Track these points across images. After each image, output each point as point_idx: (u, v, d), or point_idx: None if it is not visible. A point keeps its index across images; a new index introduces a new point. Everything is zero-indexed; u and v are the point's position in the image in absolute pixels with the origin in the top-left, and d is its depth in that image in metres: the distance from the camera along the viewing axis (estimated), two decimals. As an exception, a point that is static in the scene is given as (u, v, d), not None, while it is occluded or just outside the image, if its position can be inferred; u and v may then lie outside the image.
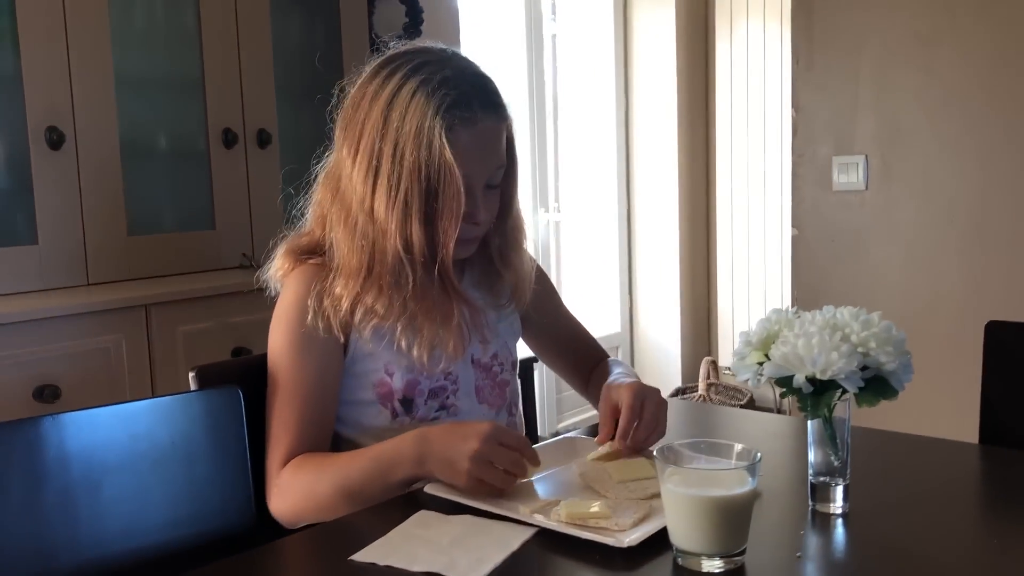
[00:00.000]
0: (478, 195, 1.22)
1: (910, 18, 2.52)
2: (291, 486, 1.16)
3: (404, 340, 1.21)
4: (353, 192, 1.20)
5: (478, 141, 1.19)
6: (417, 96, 1.17)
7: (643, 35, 3.92)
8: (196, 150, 2.23)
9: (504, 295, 1.35)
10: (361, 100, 1.21)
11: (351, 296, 1.19)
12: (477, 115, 1.18)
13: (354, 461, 1.15)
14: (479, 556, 0.94)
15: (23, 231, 1.93)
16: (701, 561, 0.91)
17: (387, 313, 1.20)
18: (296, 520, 1.17)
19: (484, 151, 1.21)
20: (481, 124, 1.19)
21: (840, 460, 1.06)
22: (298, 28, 2.50)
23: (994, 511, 1.13)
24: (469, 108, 1.17)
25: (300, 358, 1.20)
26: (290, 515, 1.17)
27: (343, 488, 1.14)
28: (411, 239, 1.18)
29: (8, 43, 1.88)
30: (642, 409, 1.19)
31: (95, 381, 1.81)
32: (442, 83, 1.17)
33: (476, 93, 1.19)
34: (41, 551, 0.98)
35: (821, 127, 2.70)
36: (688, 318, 4.03)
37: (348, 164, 1.21)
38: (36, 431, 0.98)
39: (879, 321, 1.03)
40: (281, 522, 1.18)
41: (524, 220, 1.37)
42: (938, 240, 2.53)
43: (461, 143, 1.17)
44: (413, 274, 1.19)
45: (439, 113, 1.16)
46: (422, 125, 1.15)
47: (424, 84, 1.17)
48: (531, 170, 3.61)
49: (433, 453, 1.09)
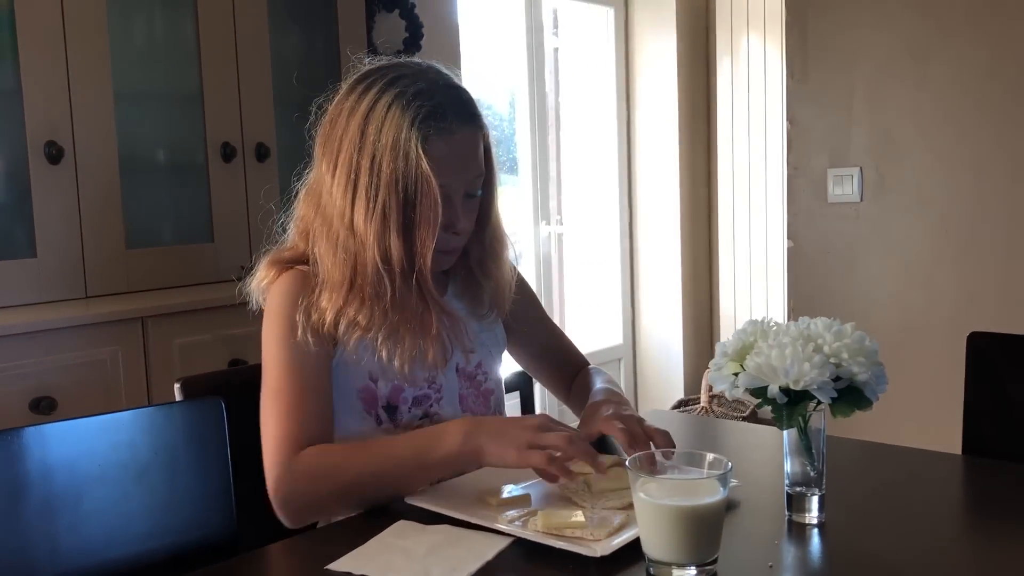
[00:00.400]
0: (457, 205, 1.24)
1: (903, 33, 2.53)
2: (311, 469, 1.13)
3: (385, 351, 1.22)
4: (333, 206, 1.22)
5: (455, 151, 1.21)
6: (392, 109, 1.19)
7: (644, 49, 3.94)
8: (195, 163, 2.25)
9: (487, 305, 1.36)
10: (338, 116, 1.23)
11: (335, 309, 1.20)
12: (452, 125, 1.20)
13: (392, 439, 1.17)
14: (453, 565, 0.95)
15: (22, 244, 1.95)
16: (672, 571, 0.92)
17: (369, 324, 1.21)
18: (306, 507, 1.14)
19: (461, 161, 1.23)
20: (457, 134, 1.21)
21: (816, 471, 1.07)
22: (296, 42, 2.52)
23: (972, 521, 1.14)
24: (444, 119, 1.19)
25: (295, 359, 1.20)
26: (302, 500, 1.14)
27: (376, 467, 1.12)
28: (390, 250, 1.20)
29: (8, 57, 1.90)
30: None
31: (91, 393, 1.83)
32: (416, 95, 1.19)
33: (451, 103, 1.21)
34: (22, 561, 0.99)
35: (816, 140, 2.71)
36: (690, 330, 4.03)
37: (328, 179, 1.23)
38: (18, 441, 0.99)
39: (852, 332, 1.03)
40: (286, 512, 1.14)
41: (504, 230, 1.38)
42: (933, 251, 2.54)
43: (438, 153, 1.19)
44: (392, 285, 1.21)
45: (415, 124, 1.18)
46: (398, 137, 1.18)
47: (399, 97, 1.19)
48: (533, 183, 3.62)
49: (484, 426, 1.12)
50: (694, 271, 4.05)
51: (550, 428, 1.10)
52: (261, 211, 2.27)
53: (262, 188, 2.30)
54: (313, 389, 1.20)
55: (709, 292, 4.14)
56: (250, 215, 2.30)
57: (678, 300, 3.98)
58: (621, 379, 4.05)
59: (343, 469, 1.14)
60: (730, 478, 0.95)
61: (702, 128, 4.03)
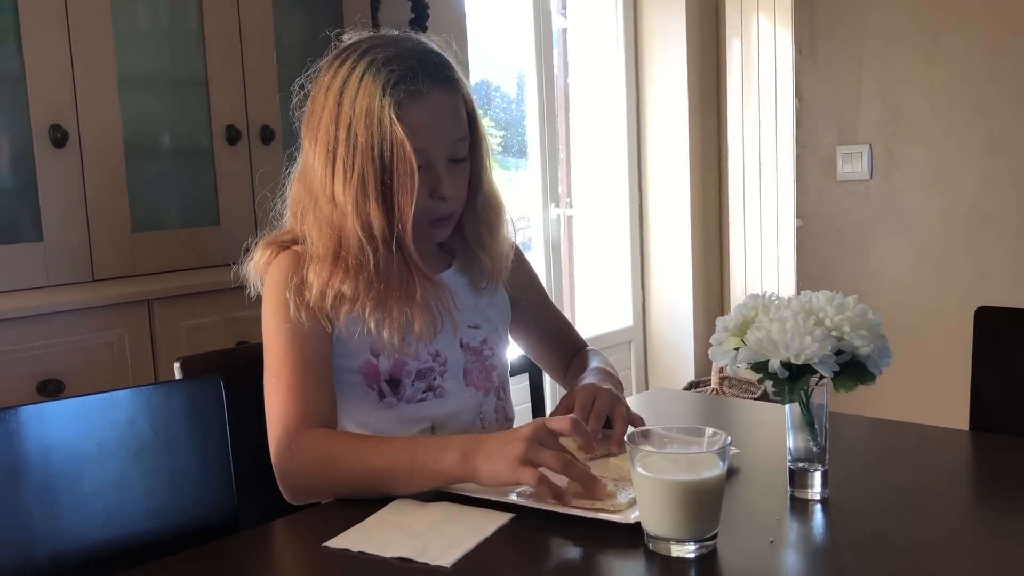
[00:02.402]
0: (440, 169, 1.23)
1: (912, 6, 2.50)
2: (311, 453, 1.13)
3: (373, 322, 1.21)
4: (316, 181, 1.23)
5: (429, 113, 1.20)
6: (365, 78, 1.19)
7: (653, 29, 3.91)
8: (200, 147, 2.25)
9: (483, 278, 1.36)
10: (317, 93, 1.25)
11: (321, 282, 1.20)
12: (424, 87, 1.19)
13: (393, 441, 1.15)
14: (452, 542, 0.95)
15: (28, 229, 1.96)
16: (671, 546, 0.92)
17: (355, 295, 1.20)
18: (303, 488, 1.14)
19: (438, 123, 1.22)
20: (430, 96, 1.20)
21: (819, 446, 1.06)
22: (301, 25, 2.51)
23: (978, 496, 1.13)
24: (415, 81, 1.19)
25: (293, 338, 1.20)
26: (299, 481, 1.14)
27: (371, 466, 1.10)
28: (370, 219, 1.20)
29: (11, 41, 1.90)
30: (592, 404, 1.20)
31: (98, 375, 1.84)
32: (387, 61, 1.20)
33: (421, 66, 1.21)
34: (22, 540, 0.99)
35: (825, 117, 2.68)
36: (701, 312, 4.01)
37: (311, 155, 1.24)
38: (17, 420, 1.00)
39: (854, 305, 1.02)
40: (285, 487, 1.15)
41: (500, 198, 1.36)
42: (943, 229, 2.51)
43: (412, 117, 1.18)
44: (375, 254, 1.20)
45: (387, 91, 1.18)
46: (371, 105, 1.18)
47: (371, 65, 1.20)
48: (541, 165, 3.60)
49: (483, 445, 1.06)
50: (704, 253, 4.02)
51: (545, 443, 1.05)
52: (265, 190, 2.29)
53: (267, 170, 2.30)
54: (314, 366, 1.20)
55: (719, 273, 4.11)
56: (256, 198, 2.30)
57: (688, 282, 3.96)
58: (631, 362, 4.04)
59: (340, 460, 1.12)
60: (729, 452, 0.94)
61: (712, 108, 4.00)
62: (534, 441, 1.04)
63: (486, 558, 0.93)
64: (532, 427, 1.06)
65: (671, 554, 0.91)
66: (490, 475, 1.05)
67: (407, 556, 0.92)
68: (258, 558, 0.97)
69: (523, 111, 3.66)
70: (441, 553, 0.92)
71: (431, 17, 2.77)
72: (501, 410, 1.38)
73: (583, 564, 0.93)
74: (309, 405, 1.17)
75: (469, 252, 1.35)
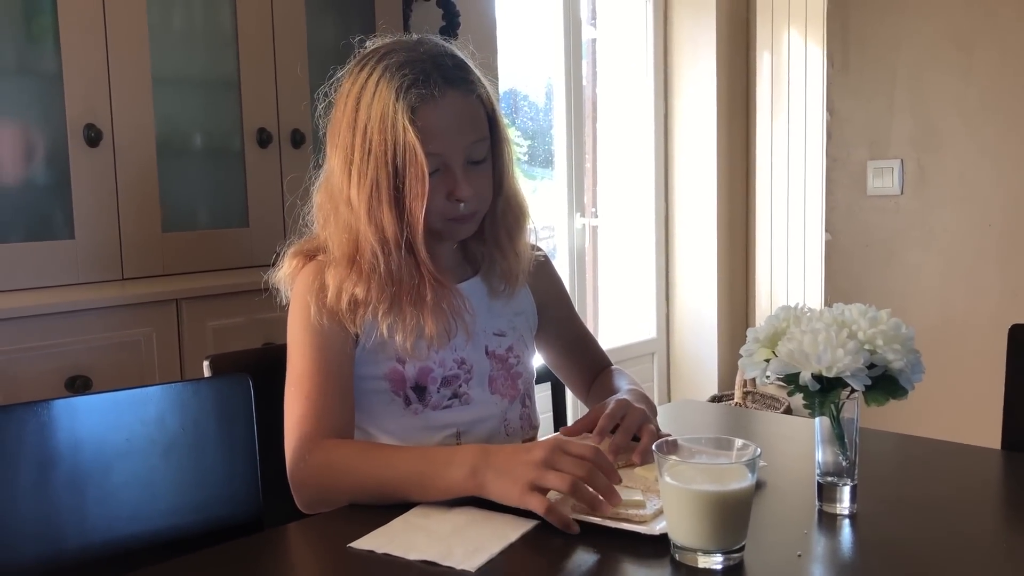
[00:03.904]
0: (457, 172, 1.23)
1: (947, 20, 2.48)
2: (323, 464, 1.13)
3: (385, 326, 1.22)
4: (337, 187, 1.25)
5: (444, 116, 1.20)
6: (380, 83, 1.20)
7: (683, 39, 3.90)
8: (231, 149, 2.26)
9: (499, 287, 1.35)
10: (339, 100, 1.26)
11: (337, 284, 1.21)
12: (438, 90, 1.20)
13: (405, 451, 1.14)
14: (476, 546, 0.95)
15: (60, 226, 1.98)
16: (698, 556, 0.91)
17: (367, 298, 1.21)
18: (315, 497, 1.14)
19: (454, 125, 1.22)
20: (443, 99, 1.20)
21: (848, 460, 1.05)
22: (333, 30, 2.53)
23: (1008, 516, 1.11)
24: (428, 84, 1.19)
25: (315, 344, 1.21)
26: (311, 491, 1.14)
27: (381, 477, 1.10)
28: (383, 223, 1.20)
29: (49, 41, 1.93)
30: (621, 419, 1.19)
31: (125, 373, 1.85)
32: (401, 66, 1.20)
33: (435, 69, 1.21)
34: (50, 533, 1.00)
35: (856, 131, 2.66)
36: (725, 325, 3.99)
37: (332, 162, 1.26)
38: (48, 413, 1.00)
39: (887, 319, 1.01)
40: (297, 497, 1.15)
41: (524, 202, 1.36)
42: (974, 246, 2.48)
43: (427, 121, 1.19)
44: (386, 258, 1.21)
45: (400, 96, 1.18)
46: (386, 111, 1.19)
47: (386, 70, 1.20)
48: (568, 175, 3.60)
49: (492, 460, 1.04)
50: (730, 265, 4.00)
51: (560, 458, 1.02)
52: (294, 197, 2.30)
53: (295, 176, 2.32)
54: (333, 375, 1.21)
55: (745, 287, 4.09)
56: (285, 201, 2.31)
57: (713, 295, 3.94)
58: (654, 374, 4.02)
59: (351, 472, 1.12)
60: (759, 464, 0.94)
61: (740, 120, 3.99)
62: (545, 465, 1.01)
63: (510, 564, 0.93)
64: (545, 449, 1.03)
65: (698, 565, 0.91)
66: (498, 495, 1.03)
67: (431, 559, 0.92)
68: (282, 557, 0.97)
69: (550, 121, 3.66)
70: (466, 557, 0.92)
71: (462, 25, 2.78)
72: (526, 417, 1.37)
73: (608, 573, 0.92)
74: (325, 414, 1.18)
75: (493, 257, 1.35)
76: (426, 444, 1.26)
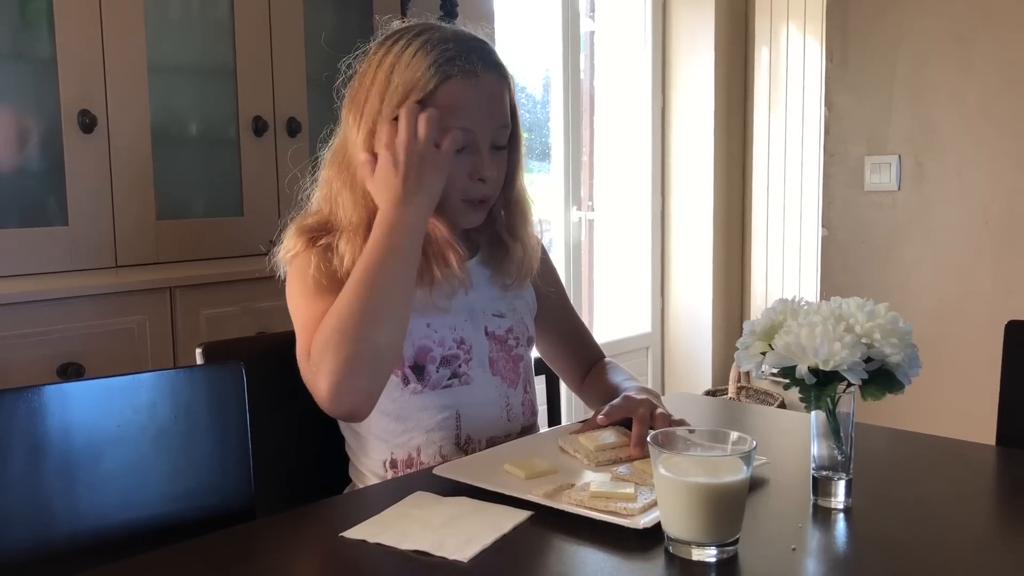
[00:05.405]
0: (484, 151, 1.24)
1: (947, 17, 2.47)
2: (316, 336, 1.14)
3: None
4: (356, 155, 1.25)
5: (482, 94, 1.23)
6: (418, 55, 1.21)
7: (681, 34, 3.89)
8: (226, 137, 2.25)
9: (511, 274, 1.35)
10: (366, 71, 1.26)
11: (354, 252, 1.21)
12: (479, 68, 1.22)
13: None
14: (469, 537, 0.94)
15: (54, 213, 1.97)
16: (692, 549, 0.90)
17: None
18: (339, 377, 1.11)
19: (488, 105, 1.24)
20: (483, 77, 1.23)
21: (844, 455, 1.04)
22: (331, 18, 2.51)
23: (1001, 511, 1.11)
24: (470, 61, 1.21)
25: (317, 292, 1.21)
26: (333, 371, 1.11)
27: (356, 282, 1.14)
28: None
29: (44, 25, 1.91)
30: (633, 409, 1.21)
31: (118, 361, 1.84)
32: (443, 40, 1.22)
33: (477, 50, 1.24)
34: (40, 519, 0.99)
35: (854, 126, 2.65)
36: (720, 320, 3.99)
37: (353, 131, 1.26)
38: (39, 399, 0.99)
39: (885, 312, 1.00)
40: (327, 398, 1.12)
41: (528, 197, 1.38)
42: (971, 243, 2.48)
43: (465, 96, 1.21)
44: None
45: (437, 65, 1.20)
46: (416, 77, 1.20)
47: (425, 43, 1.22)
48: (564, 168, 3.60)
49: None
50: (726, 260, 4.00)
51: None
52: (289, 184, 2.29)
53: (293, 163, 2.30)
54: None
55: (741, 281, 4.09)
56: (280, 190, 2.30)
57: (708, 289, 3.94)
58: (648, 368, 4.02)
59: (335, 311, 1.13)
60: (754, 457, 0.93)
61: (738, 115, 3.98)
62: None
63: (503, 554, 0.92)
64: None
65: (692, 558, 0.90)
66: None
67: (424, 549, 0.92)
68: (274, 546, 0.96)
69: (548, 113, 3.65)
70: (458, 547, 0.92)
71: (459, 16, 2.77)
72: (528, 404, 1.37)
73: (601, 565, 0.92)
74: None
75: (498, 245, 1.36)
76: (426, 424, 1.26)
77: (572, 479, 1.08)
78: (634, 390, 1.29)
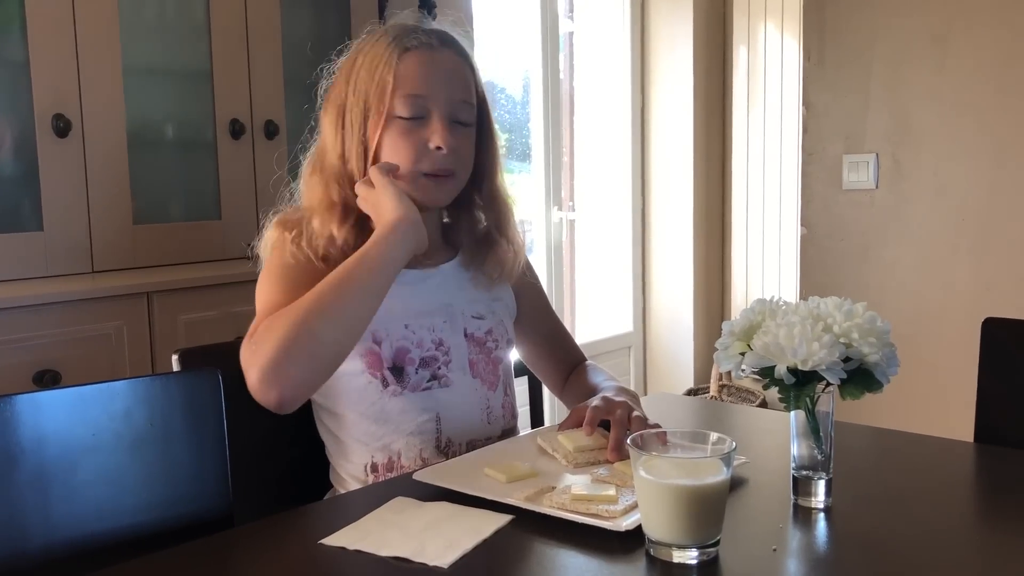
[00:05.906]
0: (437, 121, 1.25)
1: (923, 16, 2.49)
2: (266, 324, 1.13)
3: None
4: (328, 144, 1.29)
5: (436, 64, 1.25)
6: (381, 40, 1.26)
7: (660, 34, 3.90)
8: (203, 140, 2.23)
9: (496, 271, 1.35)
10: (340, 69, 1.31)
11: (326, 233, 1.23)
12: (435, 42, 1.26)
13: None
14: (450, 542, 0.94)
15: (29, 218, 1.94)
16: (672, 551, 0.90)
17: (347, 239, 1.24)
18: (275, 361, 1.08)
19: (443, 76, 1.26)
20: (440, 51, 1.26)
21: (823, 454, 1.05)
22: (308, 20, 2.50)
23: (982, 508, 1.11)
24: (428, 36, 1.26)
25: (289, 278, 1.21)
26: (270, 353, 1.08)
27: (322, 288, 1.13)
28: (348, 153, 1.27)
29: (16, 29, 1.89)
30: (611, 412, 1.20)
31: (96, 367, 1.82)
32: (408, 29, 1.27)
33: (437, 32, 1.28)
34: (14, 530, 0.98)
35: (832, 125, 2.67)
36: (701, 319, 4.00)
37: (325, 123, 1.30)
38: (11, 409, 0.98)
39: (863, 312, 1.01)
40: (260, 384, 1.09)
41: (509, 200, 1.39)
42: (949, 240, 2.50)
43: (419, 64, 1.24)
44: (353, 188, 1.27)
45: (398, 39, 1.25)
46: (379, 52, 1.25)
47: (389, 31, 1.27)
48: (545, 168, 3.59)
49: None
50: (706, 259, 4.01)
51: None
52: (268, 186, 2.27)
53: (271, 166, 2.29)
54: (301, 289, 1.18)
55: (721, 280, 4.10)
56: (258, 193, 2.29)
57: (689, 288, 3.95)
58: (630, 367, 4.03)
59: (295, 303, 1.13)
60: (734, 458, 0.93)
61: (717, 114, 3.99)
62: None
63: (484, 559, 0.92)
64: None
65: (672, 560, 0.90)
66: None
67: (404, 555, 0.91)
68: (253, 554, 0.96)
69: (528, 114, 3.65)
70: (439, 553, 0.91)
71: (437, 17, 2.76)
72: (508, 406, 1.37)
73: (583, 568, 0.92)
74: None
75: (481, 244, 1.36)
76: (406, 427, 1.25)
77: (553, 482, 1.08)
78: (612, 391, 1.28)
